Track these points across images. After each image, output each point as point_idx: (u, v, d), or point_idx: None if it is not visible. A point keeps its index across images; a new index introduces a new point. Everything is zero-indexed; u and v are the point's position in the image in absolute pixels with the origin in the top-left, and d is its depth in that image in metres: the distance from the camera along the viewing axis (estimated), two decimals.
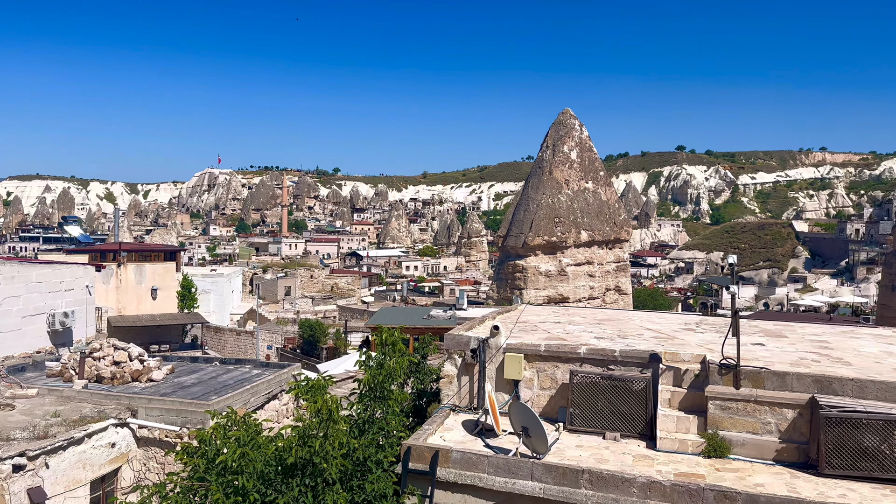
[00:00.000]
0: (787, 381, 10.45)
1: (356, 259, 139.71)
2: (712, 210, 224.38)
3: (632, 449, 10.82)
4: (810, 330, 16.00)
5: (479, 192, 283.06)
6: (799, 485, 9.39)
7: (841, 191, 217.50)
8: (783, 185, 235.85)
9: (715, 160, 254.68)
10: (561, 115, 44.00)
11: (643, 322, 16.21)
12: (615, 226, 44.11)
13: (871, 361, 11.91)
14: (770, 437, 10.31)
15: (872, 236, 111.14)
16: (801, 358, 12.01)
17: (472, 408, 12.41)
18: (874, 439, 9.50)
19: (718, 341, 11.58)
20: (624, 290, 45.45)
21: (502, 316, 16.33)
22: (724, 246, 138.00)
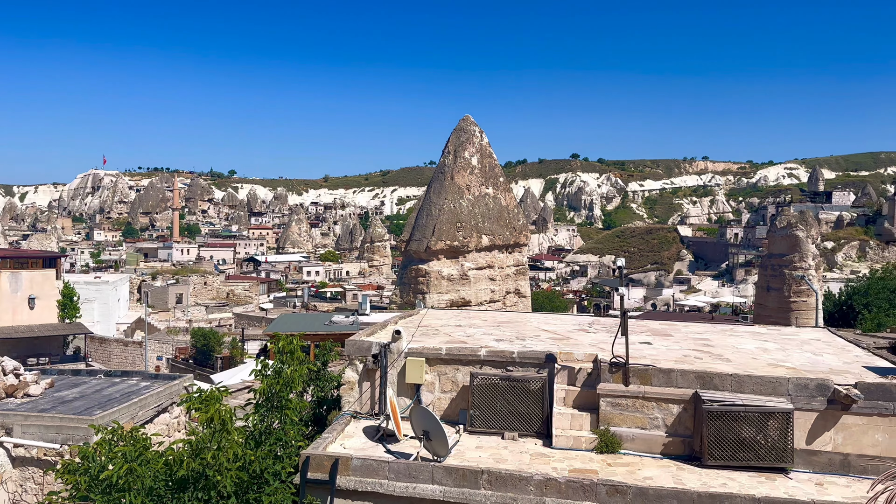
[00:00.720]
0: (672, 378, 11.03)
1: (254, 265, 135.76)
2: (604, 215, 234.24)
3: (529, 448, 11.08)
4: (693, 329, 16.97)
5: (382, 196, 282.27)
6: (684, 476, 9.93)
7: (721, 197, 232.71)
8: (669, 192, 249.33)
9: (607, 168, 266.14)
10: (462, 121, 44.64)
11: (540, 324, 16.67)
12: (515, 230, 45.16)
13: (748, 357, 12.77)
14: (657, 431, 10.85)
15: (750, 240, 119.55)
16: (685, 355, 12.73)
17: (373, 414, 12.32)
18: (751, 430, 10.19)
19: (609, 341, 12.08)
20: (523, 292, 46.60)
21: (404, 320, 16.34)
22: (615, 250, 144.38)
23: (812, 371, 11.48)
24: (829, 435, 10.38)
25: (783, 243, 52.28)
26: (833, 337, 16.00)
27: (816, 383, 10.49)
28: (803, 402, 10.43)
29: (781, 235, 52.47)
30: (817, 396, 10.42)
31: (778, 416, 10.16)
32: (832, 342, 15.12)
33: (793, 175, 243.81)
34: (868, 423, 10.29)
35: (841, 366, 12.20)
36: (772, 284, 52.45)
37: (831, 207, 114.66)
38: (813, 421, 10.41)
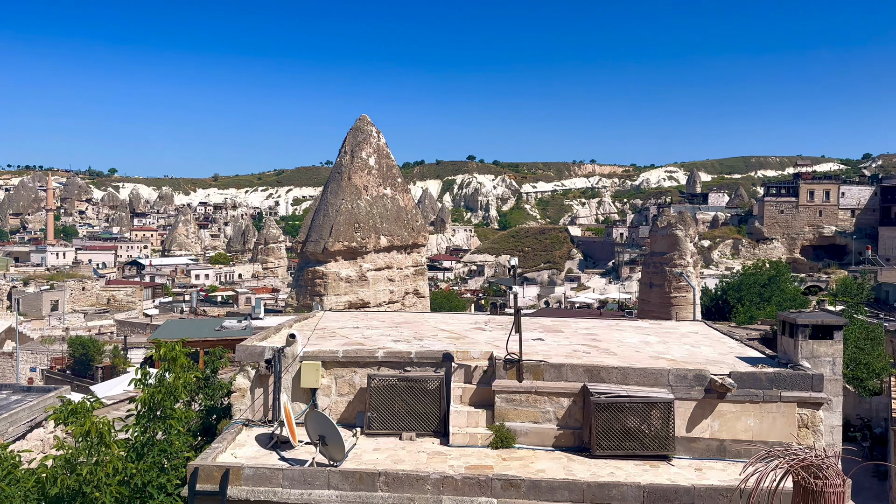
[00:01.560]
0: (562, 372, 11.40)
1: (137, 268, 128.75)
2: (500, 216, 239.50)
3: (427, 447, 11.11)
4: (583, 324, 17.63)
5: (276, 196, 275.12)
6: (575, 467, 10.27)
7: (608, 199, 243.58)
8: (560, 194, 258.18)
9: (501, 170, 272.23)
10: (358, 121, 44.25)
11: (438, 323, 16.78)
12: (413, 231, 45.26)
13: (633, 351, 13.40)
14: (550, 424, 11.18)
15: (634, 239, 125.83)
16: (575, 350, 13.19)
17: (266, 421, 11.96)
18: (636, 420, 10.68)
19: (504, 338, 12.32)
20: (422, 293, 46.78)
21: (300, 323, 15.98)
22: (510, 249, 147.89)
23: (691, 362, 12.19)
24: (706, 422, 11.05)
25: (664, 242, 55.34)
26: (709, 330, 17.07)
27: (695, 374, 11.14)
28: (683, 392, 11.05)
29: (662, 235, 55.52)
30: (695, 386, 11.07)
31: (660, 405, 10.71)
32: (708, 334, 16.12)
33: (672, 178, 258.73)
34: (741, 410, 11.04)
35: (716, 357, 13.02)
36: (654, 281, 55.39)
37: (707, 208, 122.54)
38: (692, 409, 11.06)
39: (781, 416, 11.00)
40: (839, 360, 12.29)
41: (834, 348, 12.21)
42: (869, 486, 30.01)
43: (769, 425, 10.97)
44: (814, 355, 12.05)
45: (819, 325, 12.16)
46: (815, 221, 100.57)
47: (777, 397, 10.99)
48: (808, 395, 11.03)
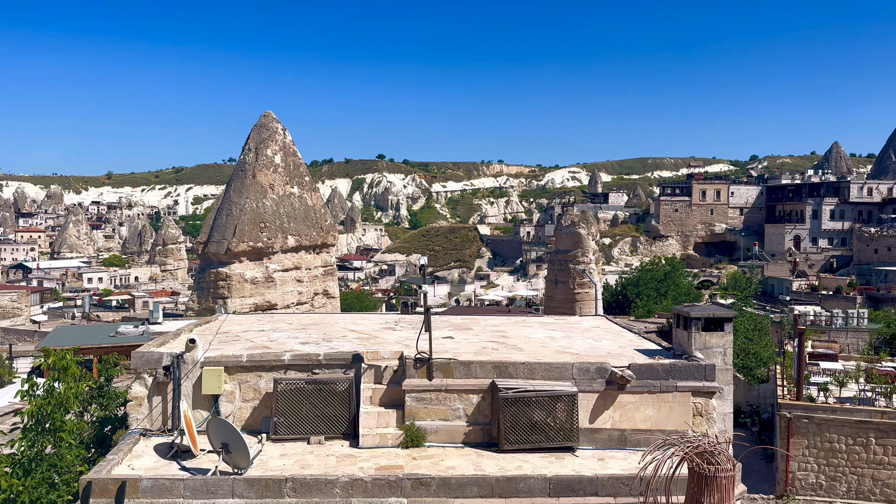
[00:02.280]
0: (472, 369, 11.52)
1: (23, 272, 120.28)
2: (410, 215, 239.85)
3: (336, 450, 10.96)
4: (491, 321, 17.89)
5: (175, 195, 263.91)
6: (484, 462, 10.41)
7: (515, 198, 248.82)
8: (469, 194, 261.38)
9: (412, 169, 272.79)
10: (263, 117, 43.10)
11: (347, 324, 16.58)
12: (322, 231, 44.54)
13: (539, 346, 13.72)
14: (459, 422, 11.27)
15: (540, 238, 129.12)
16: (484, 347, 13.37)
17: (166, 430, 11.44)
18: (542, 414, 10.94)
19: (415, 337, 12.32)
20: (332, 293, 46.13)
21: (201, 328, 15.39)
22: (421, 248, 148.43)
23: (593, 356, 12.61)
24: (608, 413, 11.45)
25: (568, 240, 57.05)
26: (610, 324, 17.72)
27: (597, 367, 11.53)
28: (586, 385, 11.41)
29: (566, 233, 57.23)
30: (598, 379, 11.46)
31: (565, 398, 11.02)
32: (609, 328, 16.74)
33: (576, 178, 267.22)
34: (640, 400, 11.52)
35: (617, 350, 13.53)
36: (559, 278, 56.99)
37: (608, 207, 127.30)
38: (594, 401, 11.44)
39: (677, 405, 11.55)
40: (730, 350, 13.04)
41: (724, 339, 12.95)
42: (758, 469, 32.08)
43: (666, 414, 11.50)
44: (706, 346, 12.72)
45: (711, 318, 12.86)
46: (707, 219, 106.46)
47: (673, 387, 11.53)
48: (702, 384, 11.64)
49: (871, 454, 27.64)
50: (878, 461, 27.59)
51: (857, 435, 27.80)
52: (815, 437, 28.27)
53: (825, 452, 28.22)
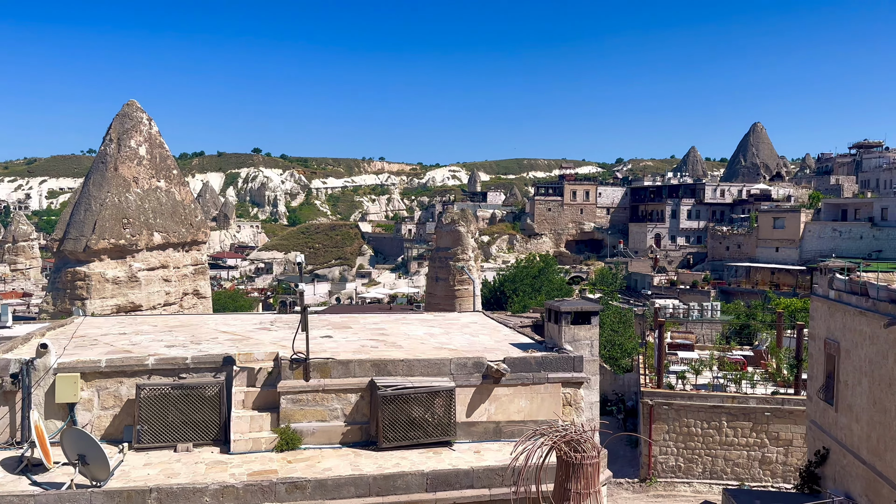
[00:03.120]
0: (350, 368, 11.40)
1: None
2: (289, 212, 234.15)
3: (206, 457, 10.49)
4: (371, 319, 17.80)
5: (27, 188, 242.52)
6: (362, 462, 10.33)
7: (397, 196, 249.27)
8: (350, 190, 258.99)
9: (290, 164, 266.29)
10: (126, 106, 40.47)
11: (218, 325, 15.92)
12: (192, 227, 42.48)
13: (418, 343, 13.80)
14: (337, 422, 11.13)
15: (421, 235, 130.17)
16: (363, 345, 13.28)
17: (14, 443, 10.49)
18: (420, 410, 11.01)
19: (291, 337, 12.02)
20: (203, 293, 44.11)
21: (55, 331, 14.25)
22: (300, 246, 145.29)
23: (470, 351, 12.85)
24: (484, 406, 11.72)
25: (448, 238, 57.90)
26: (487, 319, 18.15)
27: (473, 361, 11.76)
28: (463, 380, 11.61)
29: (447, 231, 58.05)
30: (475, 373, 11.69)
31: (443, 394, 11.15)
32: (487, 324, 17.14)
33: (456, 177, 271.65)
34: (514, 393, 11.87)
35: (493, 344, 13.87)
36: (439, 275, 57.72)
37: (486, 206, 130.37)
38: (471, 395, 11.66)
39: (549, 396, 12.01)
40: (596, 342, 13.72)
41: (591, 332, 13.61)
42: (623, 454, 34.02)
43: (538, 405, 11.93)
44: (575, 339, 13.32)
45: (579, 312, 13.47)
46: (578, 218, 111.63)
47: (545, 379, 11.98)
48: (571, 375, 12.18)
49: (724, 436, 30.07)
50: (729, 442, 30.06)
51: (711, 419, 30.14)
52: (674, 422, 30.36)
53: (683, 436, 30.39)
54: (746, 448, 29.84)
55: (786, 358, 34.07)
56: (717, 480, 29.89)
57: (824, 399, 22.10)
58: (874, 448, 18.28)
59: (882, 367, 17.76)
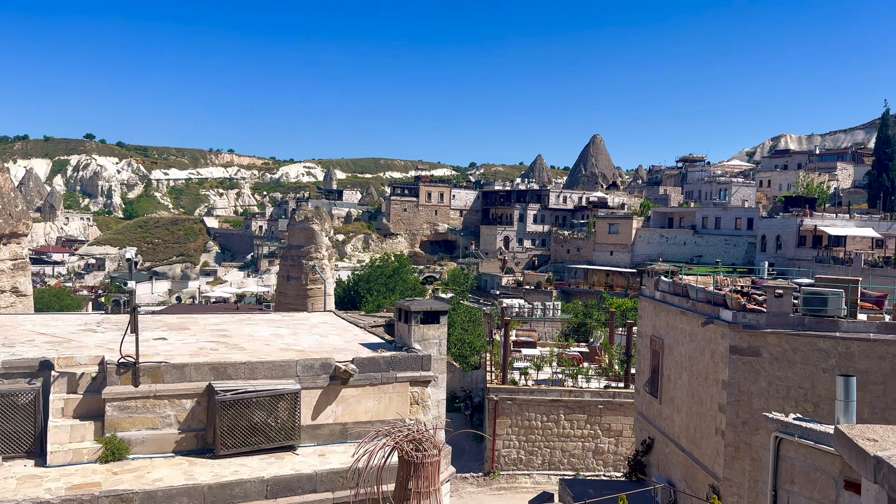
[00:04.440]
0: (186, 373, 10.75)
1: None
2: (125, 204, 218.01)
3: (18, 471, 9.45)
4: (212, 320, 16.94)
5: None
6: (196, 471, 9.77)
7: (247, 191, 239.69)
8: (195, 183, 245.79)
9: (127, 153, 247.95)
10: None
11: (36, 326, 14.44)
12: (11, 218, 38.24)
13: (263, 344, 13.31)
14: (170, 429, 10.44)
15: (273, 232, 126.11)
16: (202, 348, 12.58)
17: None
18: (262, 414, 10.61)
19: (119, 340, 11.13)
20: (23, 290, 39.84)
21: None
22: (137, 241, 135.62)
23: (318, 351, 12.59)
24: (331, 408, 11.52)
25: (301, 235, 56.60)
26: (338, 319, 17.90)
27: (321, 362, 11.53)
28: (310, 381, 11.34)
29: (300, 228, 56.73)
30: (322, 374, 11.46)
31: (287, 397, 10.82)
32: (337, 324, 16.89)
33: (311, 174, 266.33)
34: (362, 393, 11.77)
35: (343, 345, 13.68)
36: (291, 274, 56.27)
37: (342, 204, 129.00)
38: (318, 397, 11.42)
39: (397, 395, 12.04)
40: (444, 341, 13.96)
41: (440, 331, 13.82)
42: (469, 449, 34.98)
43: (386, 405, 11.92)
44: (424, 338, 13.46)
45: (428, 312, 13.63)
46: (432, 219, 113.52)
47: (393, 378, 11.99)
48: (419, 374, 12.29)
49: (561, 429, 31.79)
50: (566, 434, 31.82)
51: (550, 412, 31.75)
52: (517, 416, 31.66)
53: (525, 430, 31.77)
54: (582, 439, 31.75)
55: (617, 354, 36.68)
56: (555, 471, 31.55)
57: (650, 392, 24.01)
58: (692, 437, 20.12)
59: (699, 363, 19.59)
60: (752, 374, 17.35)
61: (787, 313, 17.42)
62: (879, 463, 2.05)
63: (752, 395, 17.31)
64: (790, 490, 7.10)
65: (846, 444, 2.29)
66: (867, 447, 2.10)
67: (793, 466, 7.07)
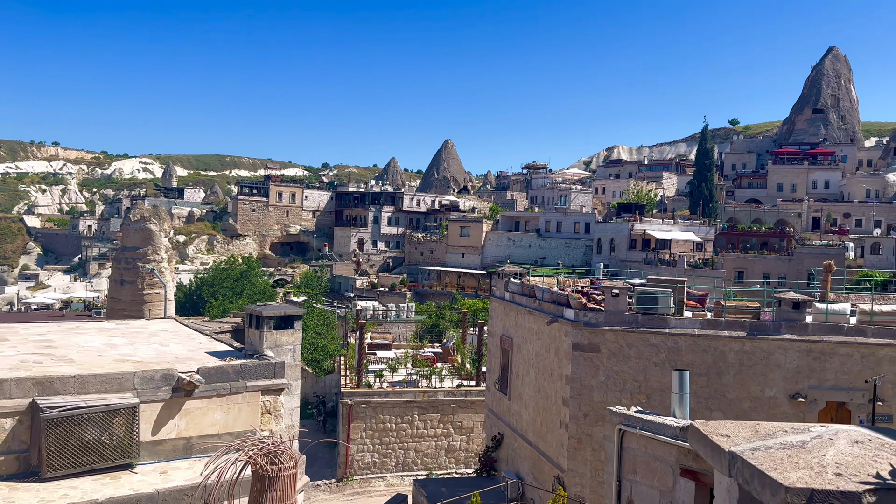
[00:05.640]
0: (5, 389, 9.60)
1: None
2: None
3: None
4: (35, 330, 15.32)
5: None
6: (19, 497, 8.75)
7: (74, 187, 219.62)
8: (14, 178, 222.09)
9: None
10: None
11: None
12: None
13: (95, 356, 12.19)
14: None
15: (104, 233, 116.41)
16: (23, 361, 11.30)
17: None
18: (95, 432, 9.70)
19: None
20: None
21: None
22: None
23: (159, 362, 11.74)
24: (173, 422, 10.77)
25: (137, 236, 52.77)
26: (180, 326, 16.84)
27: (162, 374, 10.75)
28: (149, 395, 10.54)
29: (135, 229, 52.86)
30: (163, 387, 10.69)
31: (123, 412, 9.98)
32: (179, 332, 15.88)
33: (148, 170, 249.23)
34: (208, 405, 11.12)
35: (186, 354, 12.86)
36: (125, 278, 52.31)
37: (184, 203, 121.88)
38: (159, 411, 10.64)
39: (247, 405, 11.51)
40: (298, 346, 13.55)
41: (294, 336, 13.40)
42: (322, 455, 34.35)
43: (235, 416, 11.35)
44: (277, 344, 12.98)
45: (281, 317, 13.17)
46: (283, 220, 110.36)
47: (243, 388, 11.45)
48: (271, 382, 11.83)
49: (415, 429, 32.09)
50: (420, 434, 32.16)
51: (404, 414, 31.95)
52: (371, 419, 31.54)
53: (379, 433, 31.72)
54: (435, 439, 32.24)
55: (469, 353, 37.67)
56: (408, 472, 31.77)
57: (500, 389, 24.86)
58: (538, 431, 21.05)
59: (545, 359, 20.55)
60: (593, 369, 18.46)
61: (622, 311, 18.72)
62: (734, 458, 2.20)
63: (593, 389, 18.42)
64: (633, 479, 7.62)
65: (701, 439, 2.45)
66: (721, 443, 2.26)
67: (635, 457, 7.60)
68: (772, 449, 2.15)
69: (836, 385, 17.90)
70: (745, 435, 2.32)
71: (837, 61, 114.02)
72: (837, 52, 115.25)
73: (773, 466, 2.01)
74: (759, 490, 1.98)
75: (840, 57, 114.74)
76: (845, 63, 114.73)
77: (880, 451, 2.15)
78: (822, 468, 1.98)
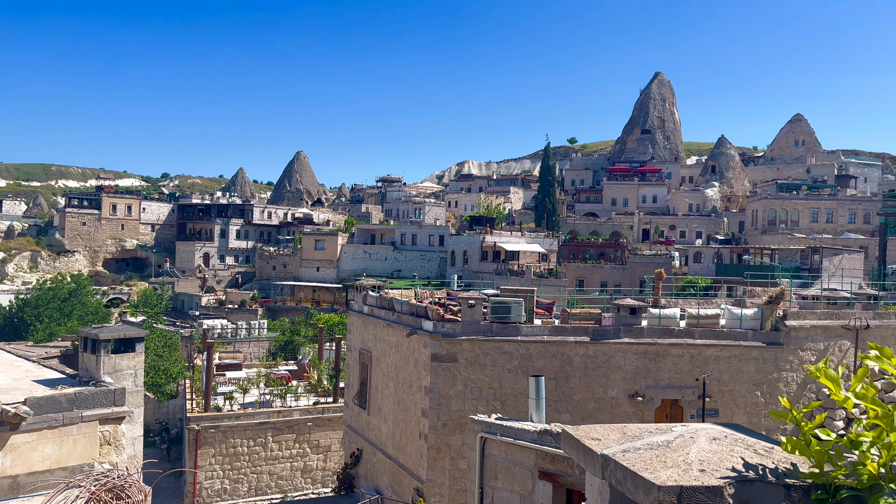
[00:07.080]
0: None
1: None
2: None
3: None
4: None
5: None
6: None
7: None
8: None
9: None
10: None
11: None
12: None
13: None
14: None
15: None
16: None
17: None
18: None
19: None
20: None
21: None
22: None
23: None
24: None
25: None
26: (1, 353, 15.11)
27: None
28: None
29: None
30: None
31: None
32: (1, 359, 14.25)
33: None
34: (38, 439, 10.05)
35: (11, 383, 11.57)
36: None
37: (3, 217, 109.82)
38: None
39: (83, 437, 10.52)
40: (140, 371, 12.61)
41: (136, 360, 12.46)
42: (167, 486, 32.12)
43: (69, 449, 10.34)
44: (116, 369, 12.01)
45: (121, 339, 12.20)
46: (118, 234, 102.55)
47: (78, 418, 10.47)
48: (111, 410, 10.91)
49: (269, 451, 30.92)
50: (274, 457, 31.03)
51: (257, 436, 30.70)
52: (221, 444, 30.00)
53: (230, 458, 30.24)
54: (290, 460, 31.24)
55: (326, 369, 36.99)
56: (262, 497, 30.52)
57: (358, 404, 24.61)
58: (398, 444, 21.06)
59: (404, 371, 20.63)
60: (451, 379, 18.79)
61: (478, 321, 19.25)
62: (607, 460, 2.31)
63: (451, 398, 18.74)
64: (494, 486, 7.80)
65: (573, 444, 2.55)
66: (594, 446, 2.36)
67: (496, 463, 7.79)
68: (640, 450, 2.29)
69: (669, 384, 19.48)
70: (615, 437, 2.45)
71: (663, 86, 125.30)
72: (662, 78, 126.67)
73: (644, 467, 2.14)
74: (633, 490, 2.10)
75: (665, 82, 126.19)
76: (669, 88, 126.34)
77: (734, 447, 2.35)
78: (688, 465, 2.14)
